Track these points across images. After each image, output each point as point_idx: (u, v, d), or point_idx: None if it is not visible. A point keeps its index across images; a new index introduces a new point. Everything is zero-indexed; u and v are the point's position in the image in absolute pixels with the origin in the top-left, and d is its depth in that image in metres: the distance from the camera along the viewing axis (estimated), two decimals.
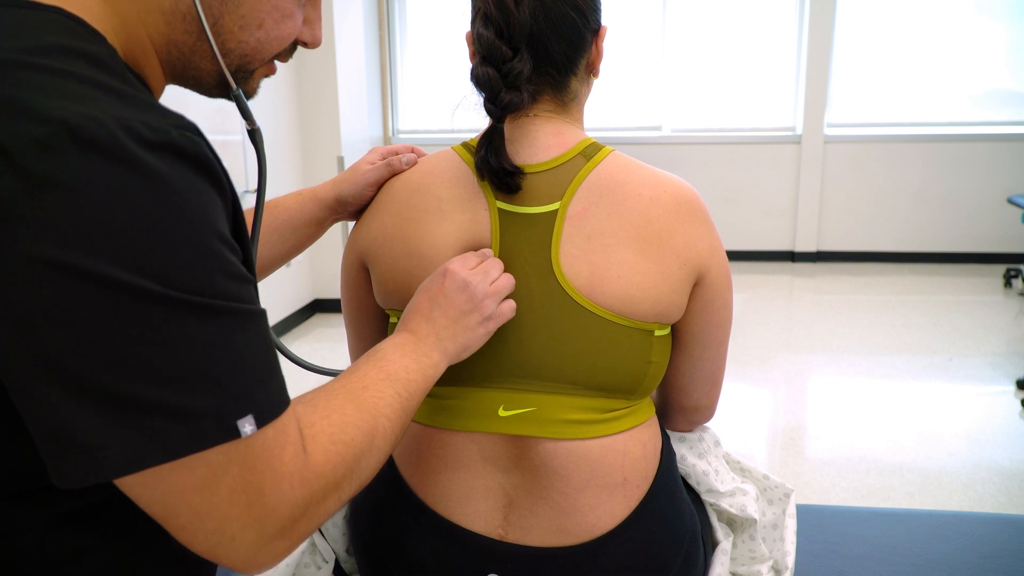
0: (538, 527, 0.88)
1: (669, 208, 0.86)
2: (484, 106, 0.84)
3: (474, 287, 0.81)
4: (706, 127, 5.32)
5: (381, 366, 0.73)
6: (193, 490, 0.53)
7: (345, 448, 0.63)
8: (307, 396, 0.67)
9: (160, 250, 0.50)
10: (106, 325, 0.48)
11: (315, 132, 4.08)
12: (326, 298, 4.32)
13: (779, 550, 1.07)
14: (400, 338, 0.78)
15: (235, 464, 0.53)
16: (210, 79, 0.67)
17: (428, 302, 0.81)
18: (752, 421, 2.95)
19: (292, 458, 0.57)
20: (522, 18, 0.82)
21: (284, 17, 0.66)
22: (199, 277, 0.51)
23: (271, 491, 0.55)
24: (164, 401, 0.50)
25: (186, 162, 0.52)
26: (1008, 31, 5.02)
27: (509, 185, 0.85)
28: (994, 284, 4.66)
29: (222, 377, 0.52)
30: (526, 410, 0.87)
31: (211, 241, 0.53)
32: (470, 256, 0.84)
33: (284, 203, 1.02)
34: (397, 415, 0.70)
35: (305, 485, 0.58)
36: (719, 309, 0.92)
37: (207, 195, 0.54)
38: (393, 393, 0.71)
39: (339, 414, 0.65)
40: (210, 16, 0.62)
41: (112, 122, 0.49)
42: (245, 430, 0.53)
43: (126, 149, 0.49)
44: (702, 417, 1.04)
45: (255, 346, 0.55)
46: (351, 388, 0.69)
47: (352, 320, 1.03)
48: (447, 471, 0.90)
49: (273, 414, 0.56)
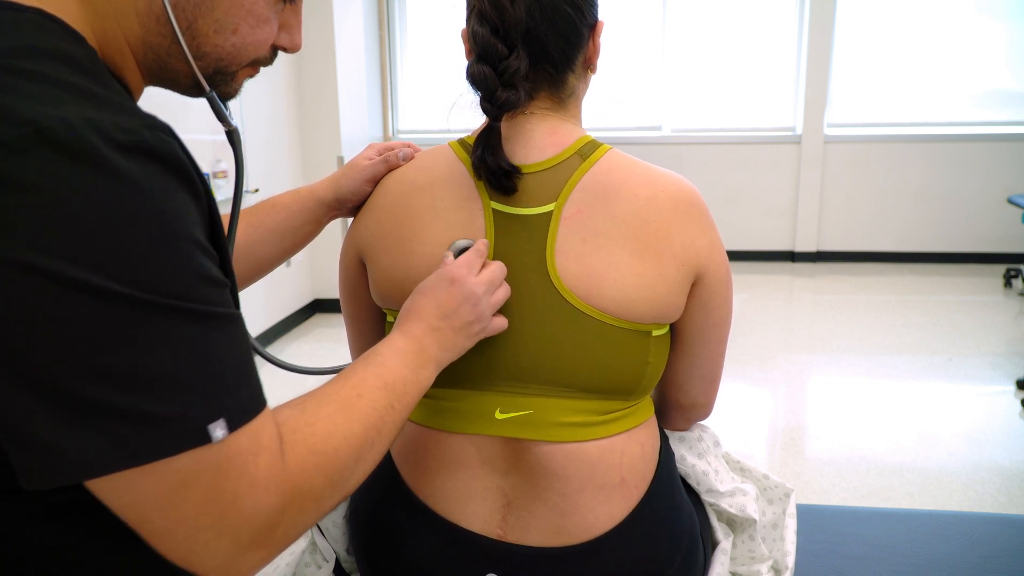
0: (536, 527, 0.87)
1: (666, 208, 0.85)
2: (480, 105, 0.83)
3: (478, 298, 0.80)
4: (706, 127, 5.33)
5: (379, 373, 0.72)
6: (164, 497, 0.51)
7: (326, 459, 0.61)
8: (298, 400, 0.65)
9: (130, 252, 0.49)
10: (73, 328, 0.48)
11: (315, 132, 4.08)
12: (326, 298, 4.32)
13: (779, 550, 1.06)
14: (402, 343, 0.76)
15: (207, 470, 0.52)
16: (186, 80, 0.66)
17: (434, 309, 0.79)
18: (752, 421, 2.95)
19: (267, 465, 0.56)
20: (517, 15, 0.81)
21: (260, 22, 0.66)
22: (169, 280, 0.51)
23: (245, 498, 0.54)
24: (131, 406, 0.49)
25: (158, 163, 0.52)
26: (1008, 31, 5.02)
27: (506, 186, 0.84)
28: (994, 284, 4.66)
29: (192, 381, 0.51)
30: (523, 413, 0.86)
31: (183, 244, 0.52)
32: (474, 258, 0.83)
33: (282, 201, 1.01)
34: (388, 428, 0.69)
35: (280, 493, 0.56)
36: (718, 308, 0.92)
37: (180, 197, 0.53)
38: (387, 405, 0.69)
39: (327, 422, 0.63)
40: (183, 20, 0.62)
41: (82, 124, 0.49)
42: (216, 435, 0.52)
43: (96, 151, 0.48)
44: (699, 415, 1.04)
45: (227, 350, 0.54)
46: (345, 395, 0.67)
47: (351, 317, 1.03)
48: (445, 472, 0.89)
49: (246, 418, 0.54)
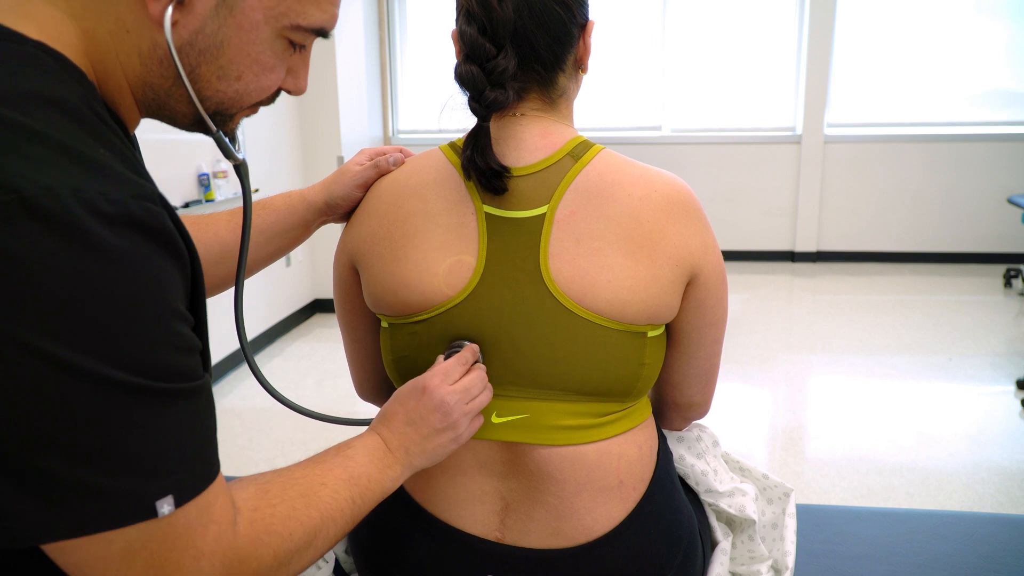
0: (535, 530, 0.87)
1: (660, 208, 0.85)
2: (468, 105, 0.83)
3: (450, 407, 0.80)
4: (706, 127, 5.32)
5: (347, 466, 0.74)
6: (110, 561, 0.53)
7: (280, 541, 0.63)
8: (265, 477, 0.68)
9: (102, 329, 0.49)
10: (34, 400, 0.48)
11: (315, 132, 4.08)
12: (326, 298, 4.32)
13: (779, 550, 1.06)
14: (372, 441, 0.79)
15: (153, 541, 0.54)
16: (185, 120, 0.66)
17: (403, 415, 0.81)
18: (752, 421, 2.95)
19: (216, 537, 0.58)
20: (505, 14, 0.81)
21: (265, 70, 0.65)
22: (138, 355, 0.51)
23: (189, 569, 0.56)
24: (81, 479, 0.50)
25: (143, 234, 0.52)
26: (1008, 31, 5.02)
27: (495, 186, 0.84)
28: (994, 284, 4.66)
29: (144, 458, 0.52)
30: (519, 417, 0.86)
31: (160, 317, 0.53)
32: (454, 368, 0.83)
33: (272, 204, 1.01)
34: (345, 520, 0.71)
35: (227, 566, 0.58)
36: (713, 307, 0.91)
37: (162, 267, 0.53)
38: (348, 498, 0.71)
39: (287, 506, 0.65)
40: (186, 64, 0.61)
41: (68, 194, 0.48)
42: (163, 511, 0.53)
43: (79, 223, 0.48)
44: (696, 414, 1.03)
45: (184, 424, 0.55)
46: (310, 482, 0.69)
47: (346, 321, 1.02)
48: (443, 476, 0.89)
49: (194, 492, 0.56)
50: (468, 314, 0.86)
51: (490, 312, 0.85)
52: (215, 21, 0.60)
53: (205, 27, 0.60)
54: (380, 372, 1.03)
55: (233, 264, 0.95)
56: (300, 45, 0.67)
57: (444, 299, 0.86)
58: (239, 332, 0.80)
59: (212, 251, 0.94)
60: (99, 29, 0.59)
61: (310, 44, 0.69)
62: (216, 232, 0.96)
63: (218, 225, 0.97)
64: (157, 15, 0.59)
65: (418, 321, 0.88)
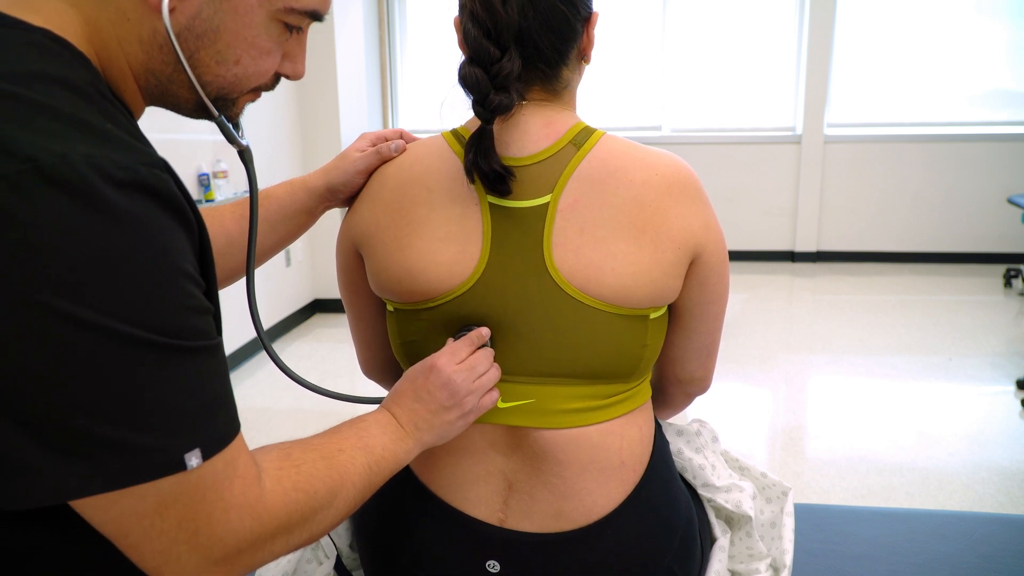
0: (537, 511, 0.88)
1: (661, 190, 0.85)
2: (472, 108, 0.83)
3: (457, 385, 0.82)
4: (706, 127, 5.32)
5: (361, 435, 0.76)
6: (144, 515, 0.55)
7: (306, 497, 0.66)
8: (285, 445, 0.70)
9: (121, 289, 0.51)
10: (58, 360, 0.50)
11: (315, 131, 4.08)
12: (326, 298, 4.32)
13: (777, 548, 1.06)
14: (384, 417, 0.81)
15: (185, 494, 0.56)
16: (188, 105, 0.68)
17: (412, 393, 0.83)
18: (752, 421, 2.95)
19: (242, 490, 0.60)
20: (510, 17, 0.81)
21: (262, 54, 0.66)
22: (157, 315, 0.53)
23: (220, 520, 0.58)
24: (110, 435, 0.52)
25: (153, 199, 0.54)
26: (1008, 31, 5.02)
27: (499, 188, 0.84)
28: (994, 284, 4.66)
29: (169, 413, 0.54)
30: (525, 401, 0.88)
31: (173, 277, 0.54)
32: (462, 347, 0.85)
33: (275, 193, 1.01)
34: (363, 484, 0.73)
35: (256, 519, 0.61)
36: (715, 285, 0.92)
37: (172, 231, 0.55)
38: (364, 464, 0.74)
39: (310, 466, 0.68)
40: (186, 49, 0.63)
41: (81, 161, 0.50)
42: (191, 463, 0.55)
43: (93, 188, 0.50)
44: (698, 388, 1.04)
45: (206, 381, 0.57)
46: (328, 448, 0.72)
47: (351, 303, 1.03)
48: (450, 457, 0.91)
49: (220, 445, 0.58)
50: (473, 303, 0.87)
51: (495, 301, 0.86)
52: (211, 6, 0.62)
53: (201, 12, 0.62)
54: (385, 352, 1.04)
55: (239, 256, 0.96)
56: (296, 28, 0.68)
57: (448, 289, 0.86)
58: (253, 316, 0.81)
59: (219, 243, 0.95)
60: (100, 18, 0.61)
61: (306, 28, 0.70)
62: (222, 223, 0.97)
63: (223, 217, 0.97)
64: (155, 2, 0.60)
65: (424, 309, 0.89)
